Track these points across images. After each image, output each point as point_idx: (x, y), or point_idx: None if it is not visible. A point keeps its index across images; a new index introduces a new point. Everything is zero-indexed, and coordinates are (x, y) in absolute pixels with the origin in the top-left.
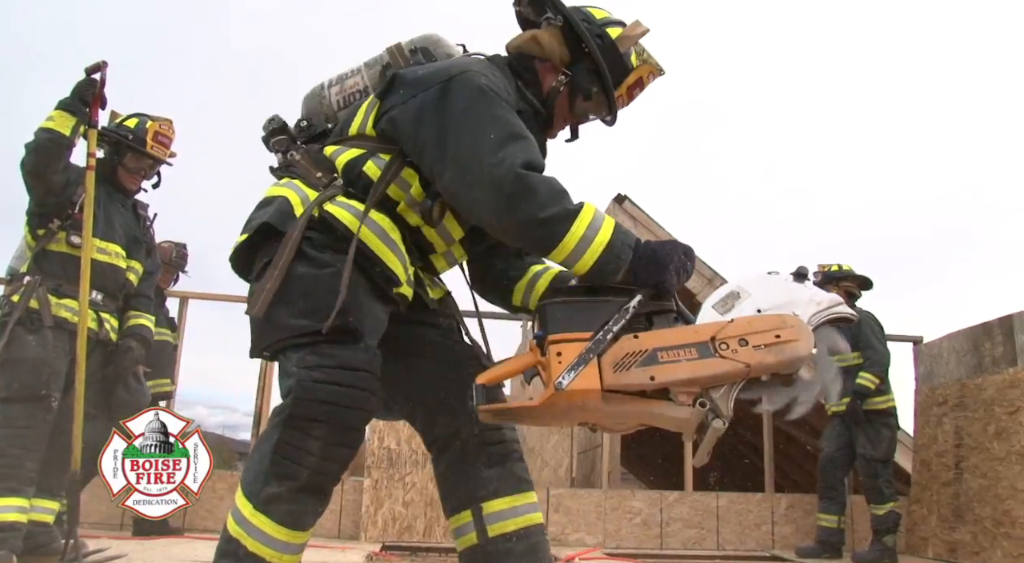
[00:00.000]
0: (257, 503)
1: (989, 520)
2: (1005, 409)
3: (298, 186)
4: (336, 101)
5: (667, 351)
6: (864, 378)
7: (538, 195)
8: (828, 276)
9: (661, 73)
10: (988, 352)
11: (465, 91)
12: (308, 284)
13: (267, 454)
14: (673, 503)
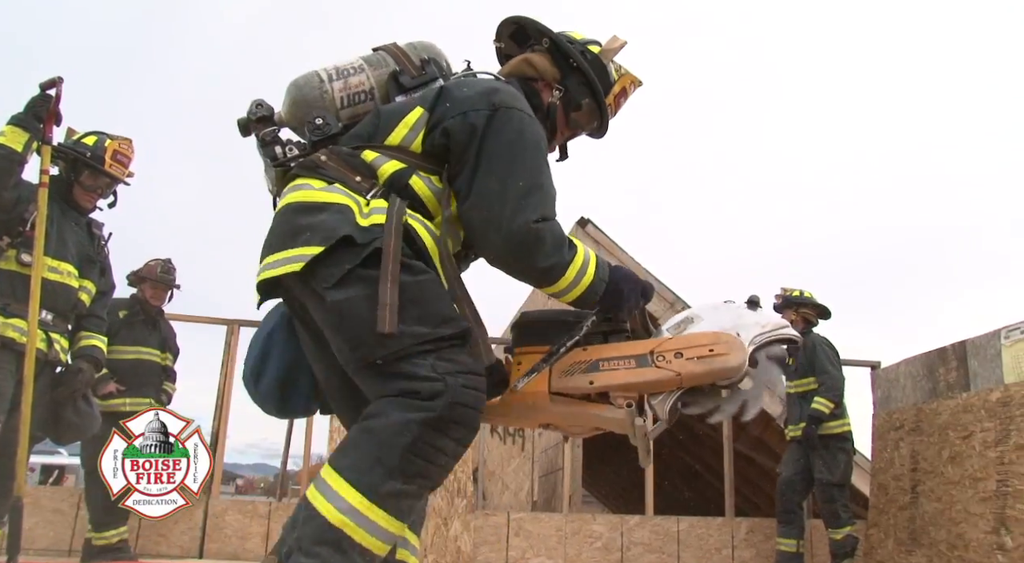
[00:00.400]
0: (374, 497)
1: (944, 543)
2: (959, 433)
3: (347, 191)
4: (340, 98)
5: (608, 361)
6: (819, 403)
7: (544, 247)
8: (788, 300)
9: (640, 84)
10: (943, 377)
11: (508, 128)
12: (414, 291)
13: (396, 450)
14: (634, 527)
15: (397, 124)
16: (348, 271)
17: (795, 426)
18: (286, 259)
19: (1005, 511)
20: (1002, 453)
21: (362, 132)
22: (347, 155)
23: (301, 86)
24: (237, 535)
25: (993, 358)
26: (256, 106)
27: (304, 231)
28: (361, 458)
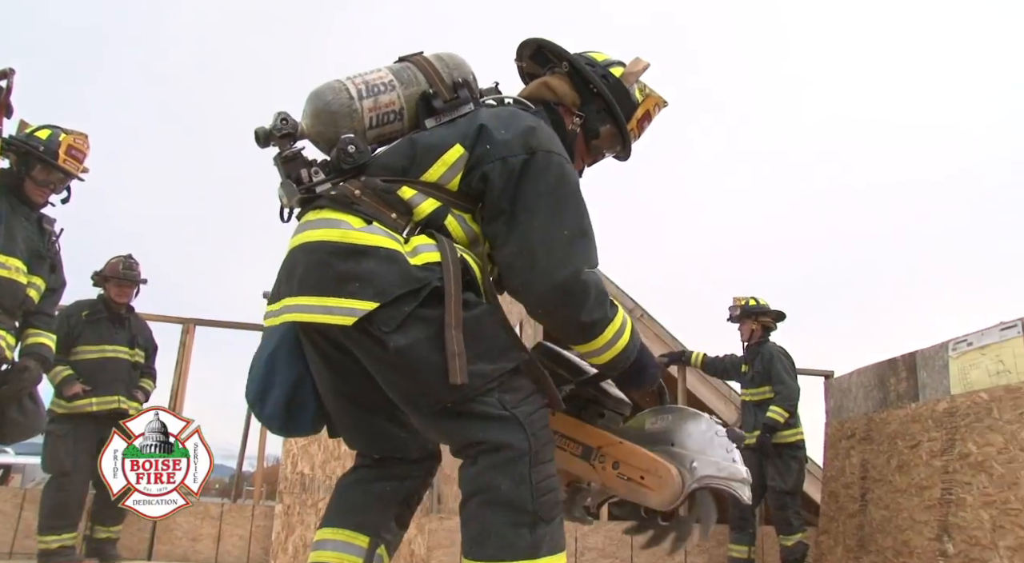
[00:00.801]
0: (536, 553)
1: (890, 550)
2: (907, 443)
3: (386, 231)
4: (369, 118)
5: (563, 438)
6: (774, 412)
7: (589, 299)
8: (746, 311)
9: (666, 104)
10: (893, 387)
11: (548, 174)
12: (472, 325)
13: (526, 503)
14: (587, 533)
15: (435, 161)
16: (408, 314)
17: (749, 434)
18: (330, 308)
19: (948, 519)
20: (947, 462)
21: (395, 164)
22: (382, 190)
23: (329, 101)
24: (187, 537)
25: (941, 370)
26: (282, 121)
27: (351, 280)
28: (502, 536)
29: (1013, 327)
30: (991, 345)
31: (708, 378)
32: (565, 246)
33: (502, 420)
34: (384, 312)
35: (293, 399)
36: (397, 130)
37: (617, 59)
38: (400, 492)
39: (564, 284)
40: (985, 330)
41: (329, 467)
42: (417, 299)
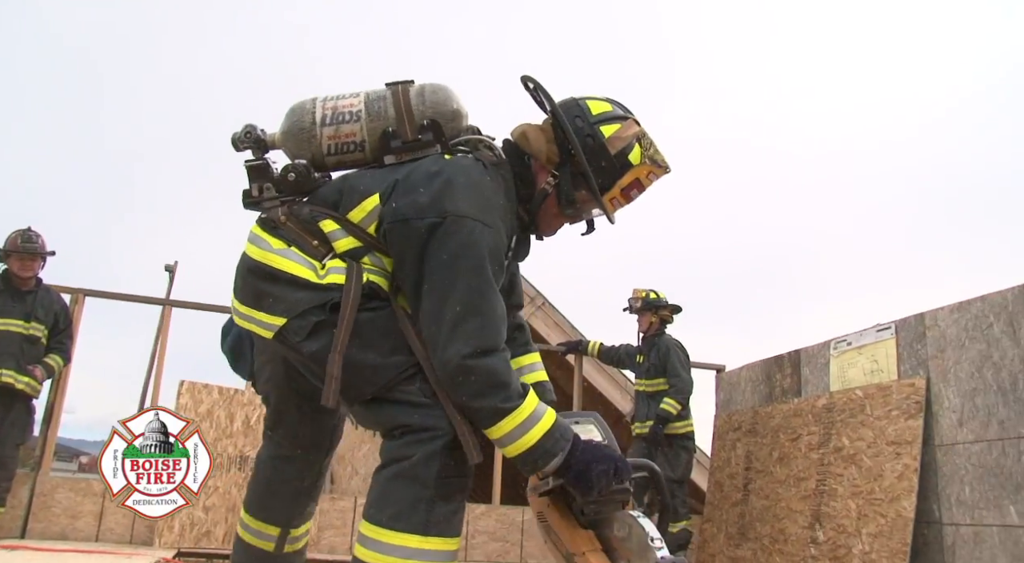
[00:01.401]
0: (426, 530)
1: (767, 538)
2: (788, 436)
3: (300, 256)
4: (328, 145)
5: (553, 534)
6: (668, 403)
7: (476, 385)
8: (648, 303)
9: (665, 171)
10: (779, 383)
11: (454, 241)
12: (380, 324)
13: (431, 481)
14: (479, 516)
15: (356, 205)
16: (315, 323)
17: (642, 423)
18: (255, 319)
19: (821, 508)
20: (823, 455)
21: (328, 198)
22: (306, 220)
23: (293, 121)
24: (67, 514)
25: (823, 367)
26: (245, 134)
27: (267, 297)
28: (401, 504)
29: (887, 328)
30: (867, 345)
31: (605, 368)
32: (451, 327)
33: (425, 406)
34: (294, 323)
35: (237, 349)
36: (359, 160)
37: (620, 113)
38: (302, 490)
39: (446, 365)
40: (863, 331)
41: (221, 445)
42: (323, 312)
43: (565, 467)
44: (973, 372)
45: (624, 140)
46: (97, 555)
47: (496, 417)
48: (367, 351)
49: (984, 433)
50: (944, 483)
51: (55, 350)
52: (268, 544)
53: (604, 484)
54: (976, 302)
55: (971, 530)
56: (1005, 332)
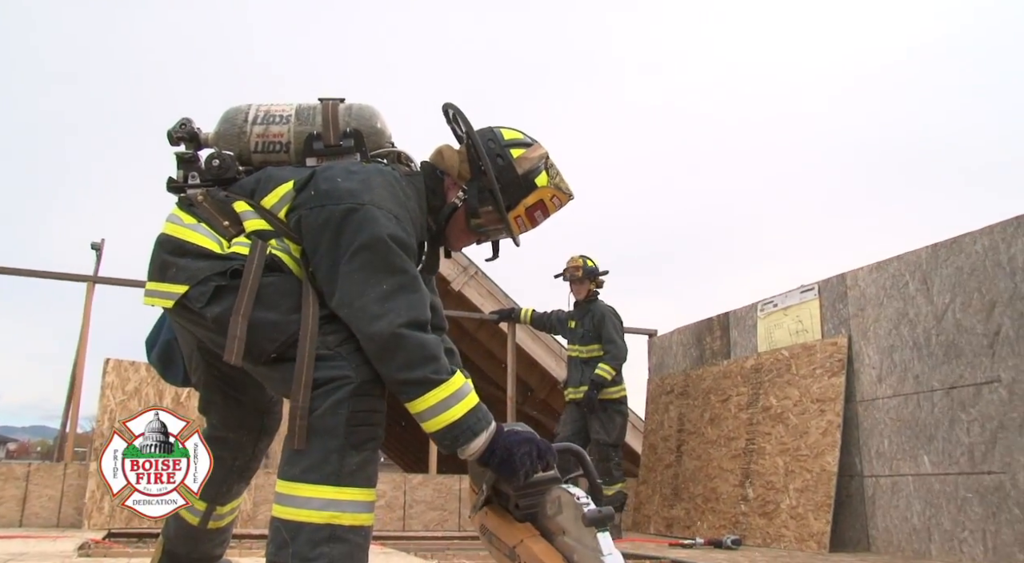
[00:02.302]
0: (339, 480)
1: (700, 497)
2: (719, 397)
3: (209, 231)
4: (256, 142)
5: (493, 536)
6: (602, 369)
7: (407, 355)
8: (588, 271)
9: (569, 198)
10: (709, 346)
11: (368, 228)
12: (284, 285)
13: (340, 430)
14: (417, 486)
15: (272, 190)
16: (216, 287)
17: (575, 389)
18: (158, 292)
19: (750, 466)
20: (752, 415)
21: (246, 186)
22: (221, 200)
23: (227, 119)
24: None
25: (750, 329)
26: (180, 126)
27: (171, 267)
28: (312, 456)
29: (811, 289)
30: (792, 306)
31: (538, 335)
32: (381, 300)
33: (327, 358)
34: (195, 290)
35: (167, 355)
36: (283, 160)
37: (528, 140)
38: (233, 469)
39: (377, 337)
40: (788, 292)
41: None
42: (224, 278)
43: (489, 451)
44: (891, 329)
45: (531, 161)
46: (21, 539)
47: (424, 387)
48: (268, 311)
49: (901, 387)
50: (865, 437)
51: None
52: (194, 518)
53: (529, 465)
54: (893, 262)
55: (889, 480)
56: (919, 290)
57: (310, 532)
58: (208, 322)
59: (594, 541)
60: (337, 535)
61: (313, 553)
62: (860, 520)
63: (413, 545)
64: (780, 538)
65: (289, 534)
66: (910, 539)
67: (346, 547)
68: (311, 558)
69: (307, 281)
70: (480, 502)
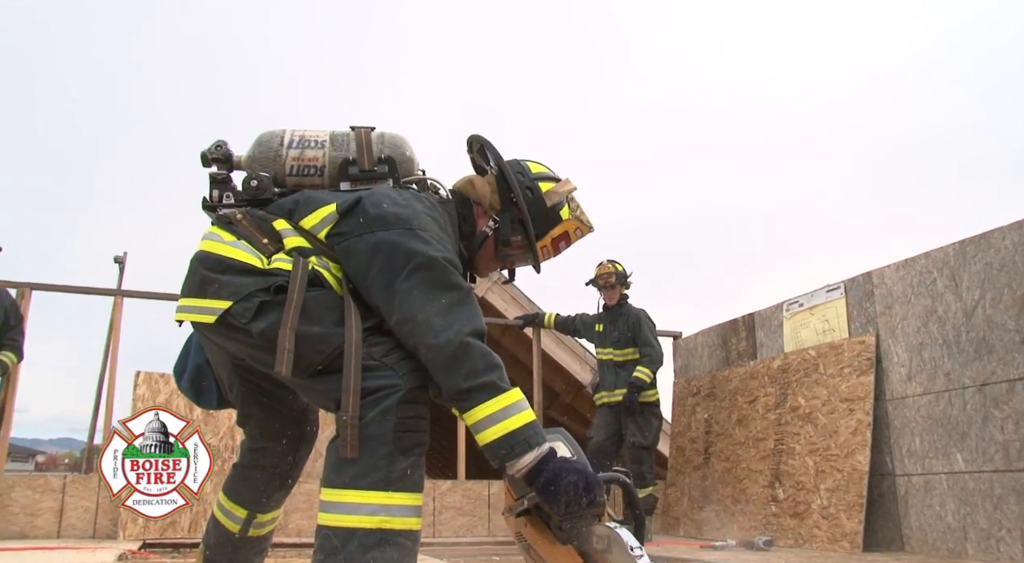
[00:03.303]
0: (389, 485)
1: (729, 499)
2: (746, 398)
3: (250, 248)
4: (291, 166)
5: (535, 553)
6: (641, 371)
7: (474, 363)
8: (621, 277)
9: (590, 230)
10: (734, 347)
11: (420, 251)
12: (324, 300)
13: (388, 437)
14: (446, 492)
15: (313, 210)
16: (261, 303)
17: (610, 392)
18: (197, 308)
19: (780, 467)
20: (780, 415)
21: (283, 206)
22: (260, 218)
23: (262, 143)
24: (25, 512)
25: (776, 329)
26: (215, 147)
27: (212, 284)
28: (361, 464)
29: (837, 289)
30: (818, 306)
31: (563, 339)
32: (445, 312)
33: (372, 368)
34: (239, 306)
35: (197, 381)
36: (317, 184)
37: (553, 175)
38: (274, 477)
39: (448, 345)
40: (814, 292)
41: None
42: (268, 293)
43: (536, 471)
44: (919, 327)
45: (559, 195)
46: (59, 551)
47: (489, 393)
48: (313, 325)
49: (931, 385)
50: (896, 436)
51: (7, 347)
52: (235, 526)
53: (572, 496)
54: (920, 259)
55: (922, 479)
56: (948, 286)
57: (361, 537)
58: (253, 337)
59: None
60: (388, 539)
61: (365, 558)
62: (893, 519)
63: (444, 551)
64: (812, 538)
65: (340, 540)
66: (945, 538)
67: (397, 551)
68: (363, 557)
69: (348, 295)
70: (518, 509)
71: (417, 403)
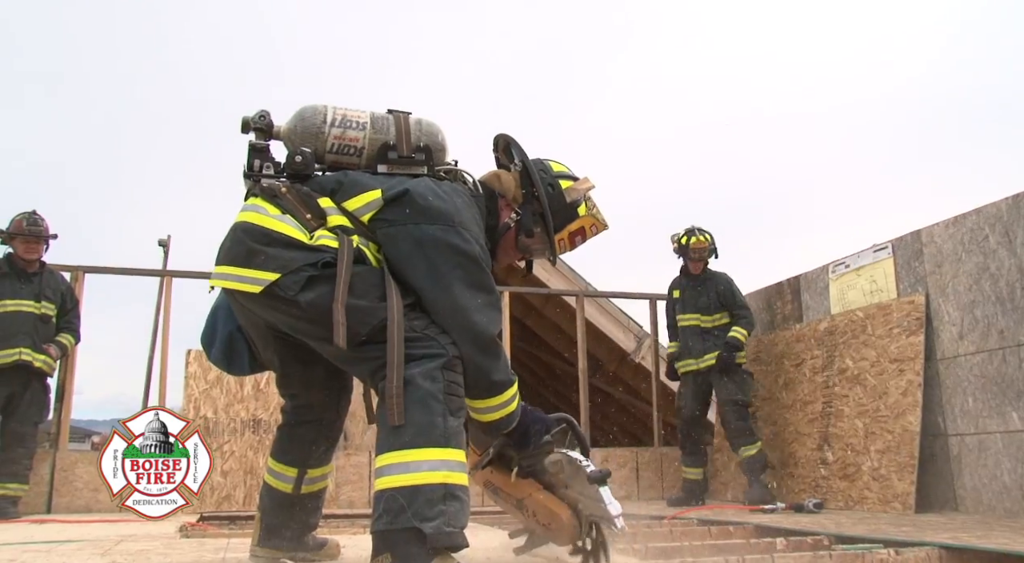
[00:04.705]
0: (448, 442)
1: (778, 463)
2: (792, 362)
3: (294, 222)
4: (332, 144)
5: (503, 492)
6: (738, 332)
7: (500, 362)
8: (712, 250)
9: (605, 227)
10: (780, 310)
11: (462, 248)
12: (368, 277)
13: (439, 396)
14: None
15: (358, 194)
16: (309, 277)
17: (696, 359)
18: (241, 277)
19: (828, 429)
20: (827, 378)
21: (325, 185)
22: (305, 194)
23: (305, 118)
24: (88, 488)
25: (822, 291)
26: (259, 117)
27: (259, 255)
28: (417, 423)
29: (884, 249)
30: (865, 266)
31: (606, 307)
32: (483, 310)
33: (416, 339)
34: (288, 279)
35: (230, 348)
36: (354, 164)
37: (572, 174)
38: (321, 428)
39: (483, 342)
40: (860, 252)
41: (233, 410)
42: (316, 268)
43: (517, 428)
44: (971, 285)
45: (578, 192)
46: (124, 523)
47: (505, 387)
48: (360, 299)
49: (984, 343)
50: (948, 395)
51: (65, 329)
52: (287, 486)
53: (537, 439)
54: (971, 215)
55: (975, 439)
56: (1001, 243)
57: (428, 492)
58: (302, 308)
59: (597, 494)
60: (451, 492)
61: (432, 512)
62: (946, 480)
63: (495, 520)
64: (863, 500)
65: (406, 499)
66: (1001, 498)
67: (459, 504)
68: (431, 517)
69: (387, 273)
70: (484, 462)
71: (456, 372)
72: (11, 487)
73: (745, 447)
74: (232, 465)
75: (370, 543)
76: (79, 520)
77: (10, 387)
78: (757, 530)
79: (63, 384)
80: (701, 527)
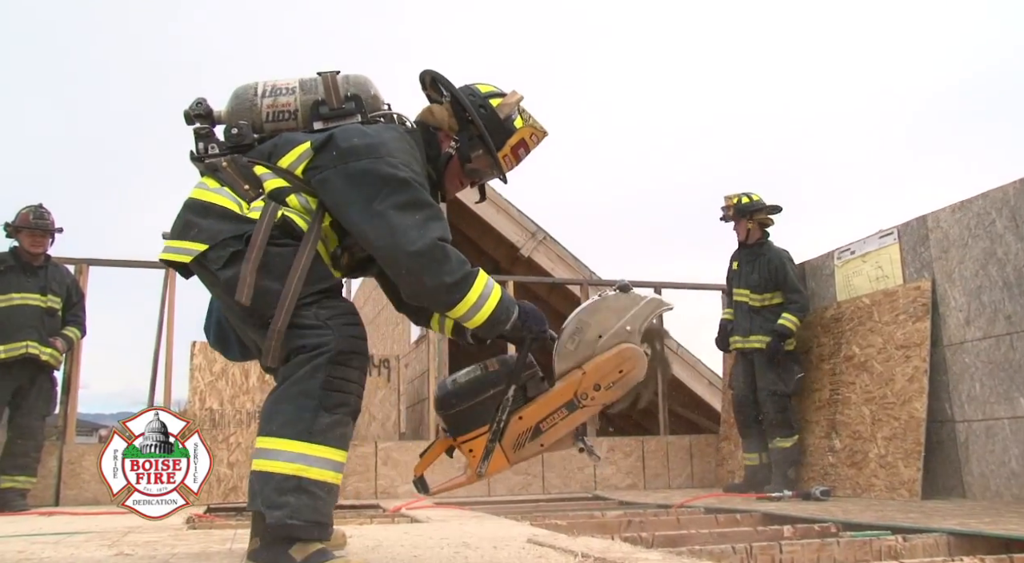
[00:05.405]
0: (312, 437)
1: None
2: (799, 349)
3: (231, 194)
4: (266, 113)
5: (546, 420)
6: (787, 319)
7: (450, 262)
8: (740, 210)
9: (545, 134)
10: None
11: (391, 175)
12: (288, 259)
13: (314, 392)
14: None
15: (289, 151)
16: (232, 254)
17: (743, 338)
18: (177, 248)
19: (835, 417)
20: (834, 365)
21: (263, 150)
22: (243, 165)
23: (238, 95)
24: (96, 480)
25: (828, 278)
26: (196, 104)
27: (193, 227)
28: (287, 414)
29: (890, 234)
30: (871, 252)
31: None
32: (419, 225)
33: (316, 328)
34: (213, 252)
35: (221, 333)
36: (292, 127)
37: (500, 91)
38: None
39: (425, 250)
40: (866, 238)
41: (239, 401)
42: (240, 243)
43: (521, 319)
44: (978, 270)
45: (509, 107)
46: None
47: (470, 280)
48: (274, 281)
49: (991, 329)
50: (954, 382)
51: (71, 322)
52: None
53: (539, 330)
54: (977, 200)
55: (983, 425)
56: (1008, 227)
57: (278, 481)
58: (222, 286)
59: (632, 299)
60: (303, 487)
61: (279, 500)
62: (953, 466)
63: (501, 508)
64: (870, 487)
65: (259, 484)
66: (1009, 484)
67: (310, 499)
68: (276, 504)
69: (310, 241)
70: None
71: (348, 367)
72: (20, 479)
73: (781, 438)
74: (239, 456)
75: (375, 533)
76: (87, 512)
77: (17, 381)
78: (764, 518)
79: (69, 377)
80: (708, 515)
